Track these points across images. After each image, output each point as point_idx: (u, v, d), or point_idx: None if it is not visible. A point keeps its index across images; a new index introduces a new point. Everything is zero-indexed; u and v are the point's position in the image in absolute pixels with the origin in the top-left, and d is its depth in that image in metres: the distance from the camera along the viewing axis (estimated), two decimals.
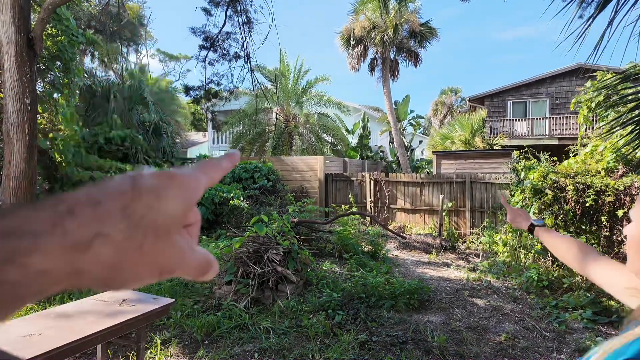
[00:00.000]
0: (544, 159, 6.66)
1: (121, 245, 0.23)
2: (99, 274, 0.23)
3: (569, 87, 16.02)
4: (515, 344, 3.74)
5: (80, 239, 0.22)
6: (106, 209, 0.23)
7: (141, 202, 0.24)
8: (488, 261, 6.95)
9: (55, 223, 0.21)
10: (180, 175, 0.26)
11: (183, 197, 0.26)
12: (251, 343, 3.64)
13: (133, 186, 0.24)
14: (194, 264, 0.27)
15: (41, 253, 0.21)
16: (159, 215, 0.24)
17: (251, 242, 5.00)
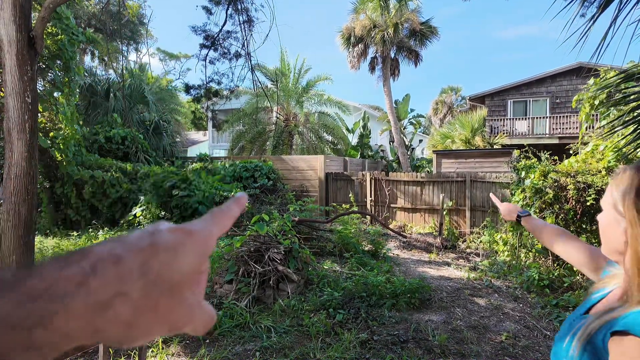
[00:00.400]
0: (544, 158, 6.66)
1: (138, 304, 0.23)
2: (115, 332, 0.23)
3: (570, 86, 16.02)
4: (516, 343, 3.75)
5: (102, 299, 0.22)
6: (126, 267, 0.23)
7: (158, 259, 0.24)
8: (489, 260, 6.96)
9: (81, 283, 0.22)
10: (196, 231, 0.27)
11: (198, 253, 0.26)
12: (252, 342, 3.64)
13: (151, 243, 0.24)
14: (200, 322, 0.27)
15: (67, 315, 0.21)
16: (174, 273, 0.25)
17: (252, 241, 5.01)
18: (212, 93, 7.94)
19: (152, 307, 0.24)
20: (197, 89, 7.92)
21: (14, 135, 4.25)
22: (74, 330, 0.21)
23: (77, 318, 0.21)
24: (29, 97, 4.27)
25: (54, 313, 0.21)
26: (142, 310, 0.23)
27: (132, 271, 0.23)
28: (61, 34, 8.27)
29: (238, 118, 15.94)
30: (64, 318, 0.21)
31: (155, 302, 0.24)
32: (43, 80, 8.61)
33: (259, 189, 9.93)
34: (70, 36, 8.47)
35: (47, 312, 0.21)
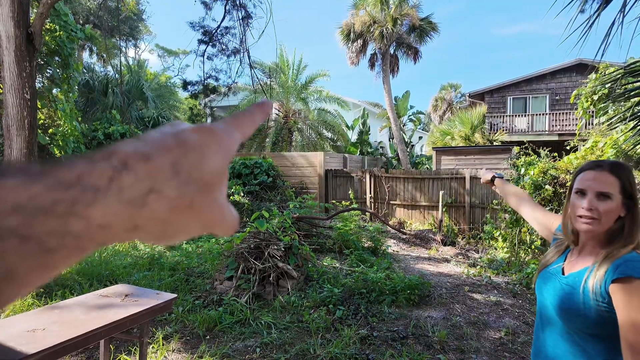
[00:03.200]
0: (544, 154, 6.67)
1: (174, 202, 0.23)
2: (153, 229, 0.23)
3: (569, 83, 16.00)
4: (515, 339, 3.76)
5: (136, 195, 0.22)
6: (157, 165, 0.23)
7: (187, 159, 0.24)
8: (488, 257, 6.98)
9: (112, 177, 0.21)
10: (218, 131, 0.27)
11: (222, 153, 0.26)
12: (253, 338, 3.65)
13: (177, 142, 0.24)
14: (229, 221, 0.28)
15: (101, 207, 0.21)
16: (204, 173, 0.25)
17: (252, 238, 5.01)
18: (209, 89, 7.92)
19: (188, 205, 0.24)
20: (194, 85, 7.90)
21: (12, 131, 4.24)
22: (112, 225, 0.21)
23: (113, 213, 0.21)
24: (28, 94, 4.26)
25: (88, 203, 0.20)
26: (179, 208, 0.23)
27: (164, 169, 0.23)
28: (60, 31, 8.23)
29: None
30: (98, 210, 0.21)
31: (190, 200, 0.24)
32: (42, 76, 8.58)
33: (258, 186, 9.92)
34: (68, 33, 8.44)
35: (81, 200, 0.20)
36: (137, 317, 2.48)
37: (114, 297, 2.76)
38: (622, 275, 1.07)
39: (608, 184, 1.17)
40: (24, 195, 0.19)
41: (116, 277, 5.04)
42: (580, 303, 1.15)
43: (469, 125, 17.08)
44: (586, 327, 1.15)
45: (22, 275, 0.19)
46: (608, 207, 1.15)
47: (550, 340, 1.27)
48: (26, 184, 0.19)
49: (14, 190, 0.19)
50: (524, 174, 6.62)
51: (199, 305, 4.28)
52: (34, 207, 0.19)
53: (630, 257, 1.11)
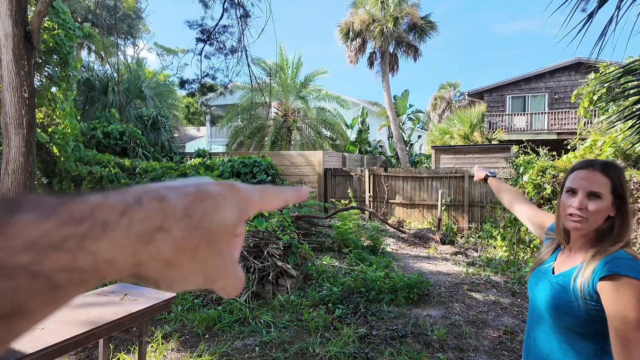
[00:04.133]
0: (543, 153, 6.67)
1: (180, 243, 0.23)
2: (156, 268, 0.23)
3: (568, 82, 16.02)
4: (514, 338, 3.77)
5: (145, 230, 0.22)
6: (170, 206, 0.23)
7: (202, 206, 0.24)
8: (487, 256, 6.99)
9: (124, 212, 0.22)
10: (240, 189, 0.27)
11: (237, 209, 0.27)
12: (252, 337, 3.66)
13: (197, 190, 0.25)
14: (233, 280, 0.28)
15: (109, 242, 0.21)
16: (214, 222, 0.25)
17: (251, 237, 5.01)
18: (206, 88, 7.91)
19: (193, 249, 0.24)
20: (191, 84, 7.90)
21: (11, 130, 4.23)
22: (118, 260, 0.22)
23: (120, 247, 0.21)
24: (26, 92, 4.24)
25: (97, 237, 0.21)
26: (183, 250, 0.24)
27: (176, 211, 0.23)
28: (58, 29, 8.21)
29: (236, 113, 15.89)
30: (107, 245, 0.21)
31: (196, 245, 0.24)
32: (40, 75, 8.56)
33: None
34: (67, 31, 8.41)
35: (90, 235, 0.21)
36: (136, 316, 2.48)
37: (113, 296, 2.75)
38: (609, 272, 1.09)
39: (599, 184, 1.18)
40: (36, 232, 0.20)
41: None
42: (570, 301, 1.17)
43: (468, 124, 17.08)
44: (576, 326, 1.17)
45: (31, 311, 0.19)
46: (598, 206, 1.17)
47: (541, 338, 1.29)
48: (39, 220, 0.20)
49: (28, 227, 0.19)
50: (523, 173, 6.63)
51: (198, 304, 4.28)
52: (46, 245, 0.20)
53: (617, 255, 1.13)
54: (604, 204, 1.17)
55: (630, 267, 1.09)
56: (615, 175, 1.20)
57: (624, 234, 1.18)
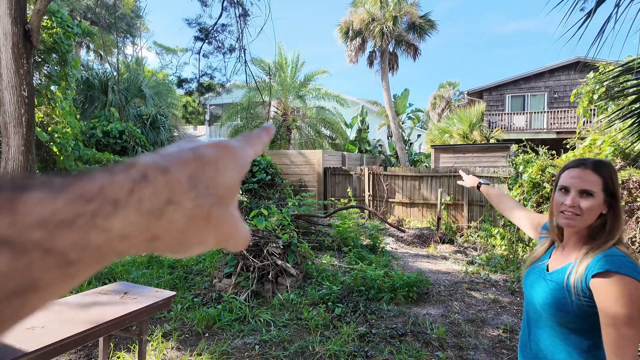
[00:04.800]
0: (542, 152, 6.68)
1: (191, 213, 0.24)
2: (171, 240, 0.23)
3: (568, 81, 16.02)
4: (513, 336, 3.78)
5: (155, 206, 0.22)
6: (175, 177, 0.23)
7: (204, 173, 0.25)
8: (486, 254, 7.00)
9: (132, 189, 0.22)
10: (233, 146, 0.28)
11: (237, 168, 0.27)
12: (252, 335, 3.66)
13: (194, 156, 0.25)
14: (243, 234, 0.28)
15: (121, 219, 0.21)
16: (220, 186, 0.26)
17: (251, 236, 5.01)
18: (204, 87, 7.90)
19: (205, 216, 0.24)
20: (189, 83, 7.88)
21: (10, 129, 4.23)
22: (132, 235, 0.22)
23: (132, 223, 0.22)
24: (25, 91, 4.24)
25: (109, 215, 0.21)
26: (196, 219, 0.24)
27: (181, 182, 0.23)
28: (56, 27, 8.19)
29: (235, 112, 15.87)
30: (119, 222, 0.21)
31: (208, 211, 0.25)
32: (39, 74, 8.55)
33: (257, 184, 9.92)
34: (65, 29, 8.40)
35: (102, 213, 0.21)
36: (136, 314, 2.48)
37: (113, 294, 2.76)
38: (601, 269, 1.12)
39: (591, 182, 1.21)
40: (47, 209, 0.20)
41: (115, 275, 5.04)
42: (564, 298, 1.19)
43: (467, 123, 17.09)
44: (569, 322, 1.20)
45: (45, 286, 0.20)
46: (590, 204, 1.20)
47: (536, 335, 1.32)
48: (50, 198, 0.20)
49: (38, 205, 0.20)
50: (522, 172, 6.64)
51: (198, 302, 4.28)
52: (58, 221, 0.20)
53: (609, 252, 1.16)
54: (596, 202, 1.20)
55: (621, 265, 1.11)
56: (607, 173, 1.23)
57: (616, 231, 1.21)
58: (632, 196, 5.05)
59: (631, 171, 5.41)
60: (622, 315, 1.07)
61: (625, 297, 1.08)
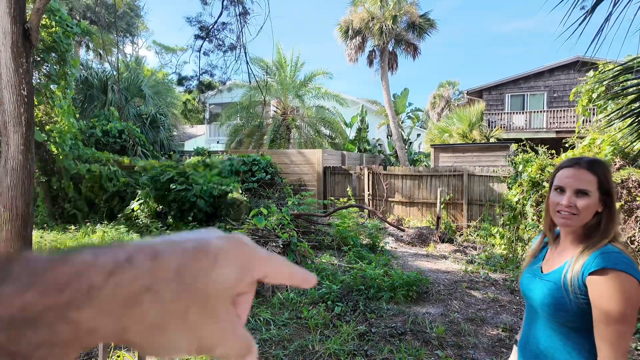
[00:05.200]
0: (542, 152, 6.68)
1: (168, 306, 0.22)
2: (142, 333, 0.21)
3: (567, 80, 16.02)
4: (513, 335, 3.78)
5: (131, 293, 0.21)
6: (163, 264, 0.22)
7: (197, 264, 0.23)
8: (485, 253, 7.01)
9: (112, 272, 0.20)
10: (247, 244, 0.26)
11: (239, 266, 0.25)
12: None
13: (195, 246, 0.23)
14: (234, 348, 0.25)
15: (93, 308, 0.20)
16: (211, 282, 0.23)
17: (250, 235, 5.01)
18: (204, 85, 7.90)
19: (182, 313, 0.22)
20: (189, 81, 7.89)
21: (9, 128, 4.22)
22: (100, 327, 0.20)
23: (104, 313, 0.20)
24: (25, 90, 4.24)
25: (80, 305, 0.19)
26: (171, 314, 0.22)
27: (168, 269, 0.22)
28: (56, 26, 8.18)
29: (235, 112, 15.86)
30: (90, 312, 0.20)
31: (186, 308, 0.22)
32: (38, 73, 8.54)
33: (256, 183, 9.92)
34: (64, 28, 8.39)
35: (74, 302, 0.19)
36: None
37: None
38: (597, 267, 1.13)
39: (586, 182, 1.22)
40: (17, 305, 0.19)
41: None
42: (562, 297, 1.20)
43: (467, 122, 17.09)
44: (568, 321, 1.21)
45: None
46: (586, 203, 1.21)
47: (536, 335, 1.33)
48: (21, 292, 0.19)
49: (7, 301, 0.19)
50: (522, 171, 6.64)
51: None
52: (25, 319, 0.19)
53: (605, 250, 1.17)
54: (592, 201, 1.21)
55: (617, 261, 1.13)
56: (601, 172, 1.24)
57: (612, 229, 1.22)
58: (632, 195, 5.06)
59: (630, 170, 5.41)
60: (616, 312, 1.08)
61: (620, 293, 1.09)
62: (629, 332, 1.10)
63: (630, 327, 1.09)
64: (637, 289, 1.10)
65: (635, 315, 1.10)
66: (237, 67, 9.75)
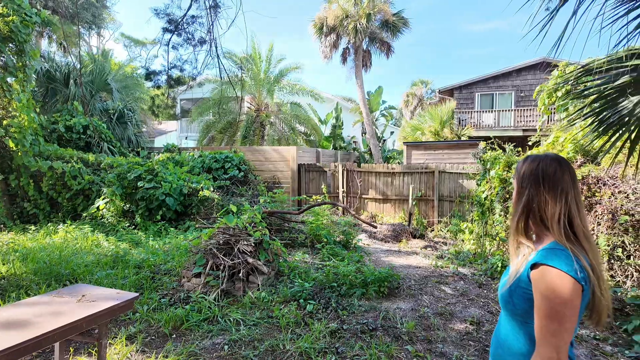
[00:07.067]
0: (509, 149, 6.88)
1: None
2: None
3: (534, 80, 16.62)
4: (480, 328, 3.88)
5: None
6: None
7: None
8: (455, 248, 7.16)
9: None
10: None
11: None
12: (221, 335, 3.58)
13: None
14: None
15: None
16: None
17: (221, 234, 4.90)
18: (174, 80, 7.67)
19: None
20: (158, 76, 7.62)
21: None
22: None
23: None
24: None
25: None
26: None
27: None
28: (13, 15, 7.72)
29: (207, 107, 15.52)
30: None
31: None
32: None
33: (229, 181, 9.74)
34: (23, 17, 7.93)
35: None
36: (94, 318, 2.36)
37: (70, 297, 2.62)
38: (534, 262, 1.18)
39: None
40: None
41: (77, 276, 4.81)
42: (513, 292, 1.25)
43: (438, 120, 17.44)
44: (519, 313, 1.25)
45: None
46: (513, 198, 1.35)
47: (500, 324, 1.40)
48: None
49: None
50: (490, 169, 6.82)
51: (165, 303, 4.15)
52: None
53: (548, 246, 1.21)
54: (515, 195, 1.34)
55: (549, 257, 1.16)
56: (518, 168, 1.36)
57: (547, 222, 1.24)
58: (591, 191, 5.28)
59: (590, 167, 5.66)
60: (545, 308, 1.10)
61: (548, 289, 1.11)
62: (563, 331, 1.07)
63: (561, 325, 1.07)
64: (568, 285, 1.08)
65: (570, 314, 1.08)
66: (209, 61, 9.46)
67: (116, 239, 6.79)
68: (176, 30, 6.36)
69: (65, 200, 8.50)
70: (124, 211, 8.09)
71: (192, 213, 7.91)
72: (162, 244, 6.37)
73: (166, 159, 9.75)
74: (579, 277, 1.10)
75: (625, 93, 3.34)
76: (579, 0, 2.37)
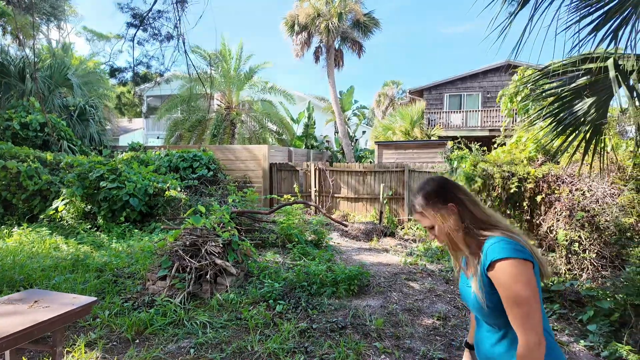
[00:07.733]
0: (475, 149, 7.09)
1: None
2: None
3: (499, 82, 17.24)
4: (446, 323, 3.96)
5: None
6: None
7: None
8: (424, 246, 7.31)
9: None
10: None
11: None
12: (187, 339, 3.48)
13: None
14: None
15: None
16: None
17: (188, 235, 4.77)
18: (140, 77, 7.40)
19: None
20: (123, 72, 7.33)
21: None
22: None
23: None
24: None
25: None
26: None
27: None
28: None
29: (175, 105, 15.10)
30: None
31: None
32: None
33: (197, 180, 9.52)
34: None
35: None
36: (47, 324, 2.23)
37: (21, 303, 2.46)
38: (488, 262, 1.22)
39: (423, 220, 1.39)
40: None
41: (32, 282, 4.55)
42: (479, 298, 1.28)
43: (408, 120, 17.76)
44: (490, 319, 1.30)
45: None
46: (436, 231, 1.37)
47: (481, 335, 1.41)
48: None
49: None
50: (457, 167, 7.00)
51: (128, 307, 3.99)
52: None
53: (490, 242, 1.26)
54: (438, 226, 1.35)
55: (498, 250, 1.21)
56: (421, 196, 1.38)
57: (475, 223, 1.31)
58: (551, 189, 5.52)
59: (550, 166, 5.91)
60: (513, 297, 1.15)
61: (509, 279, 1.16)
62: (533, 309, 1.15)
63: (530, 306, 1.14)
64: (522, 267, 1.16)
65: (533, 292, 1.16)
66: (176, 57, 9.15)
67: (76, 241, 6.48)
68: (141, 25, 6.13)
69: (21, 201, 8.03)
70: (85, 213, 7.74)
71: (158, 214, 7.66)
72: (125, 247, 6.13)
73: (131, 158, 9.39)
74: (526, 255, 1.19)
75: (581, 95, 3.51)
76: (534, 7, 2.46)
